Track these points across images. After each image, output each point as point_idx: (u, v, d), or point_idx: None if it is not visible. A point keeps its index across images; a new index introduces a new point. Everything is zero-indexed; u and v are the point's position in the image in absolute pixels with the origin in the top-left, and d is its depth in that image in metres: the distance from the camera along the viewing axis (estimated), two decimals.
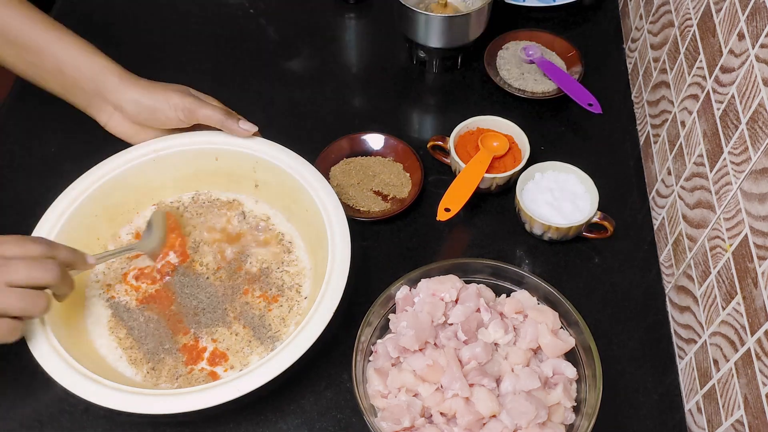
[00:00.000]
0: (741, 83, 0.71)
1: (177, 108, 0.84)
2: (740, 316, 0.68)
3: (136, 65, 0.90)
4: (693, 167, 0.82)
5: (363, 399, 0.74)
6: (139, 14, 1.18)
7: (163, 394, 0.70)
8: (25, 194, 0.94)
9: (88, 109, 0.87)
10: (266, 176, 0.88)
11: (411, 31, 1.04)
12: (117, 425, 0.77)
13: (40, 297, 0.68)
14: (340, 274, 0.77)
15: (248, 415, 0.79)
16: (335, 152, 0.98)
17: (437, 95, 1.10)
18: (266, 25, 1.16)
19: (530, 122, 1.01)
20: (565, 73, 1.05)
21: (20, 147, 1.00)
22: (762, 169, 0.66)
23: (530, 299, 0.81)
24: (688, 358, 0.80)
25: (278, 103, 1.06)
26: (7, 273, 0.65)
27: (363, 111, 1.07)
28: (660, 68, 0.96)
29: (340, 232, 0.80)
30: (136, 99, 0.84)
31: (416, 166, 0.96)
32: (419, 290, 0.81)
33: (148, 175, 0.88)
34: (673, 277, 0.86)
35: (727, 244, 0.72)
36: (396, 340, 0.77)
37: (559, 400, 0.74)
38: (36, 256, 0.68)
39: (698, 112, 0.82)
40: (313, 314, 0.74)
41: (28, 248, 0.68)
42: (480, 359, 0.75)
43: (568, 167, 0.93)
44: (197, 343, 0.80)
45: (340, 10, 1.18)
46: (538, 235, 0.91)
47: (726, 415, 0.70)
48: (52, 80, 0.86)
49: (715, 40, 0.79)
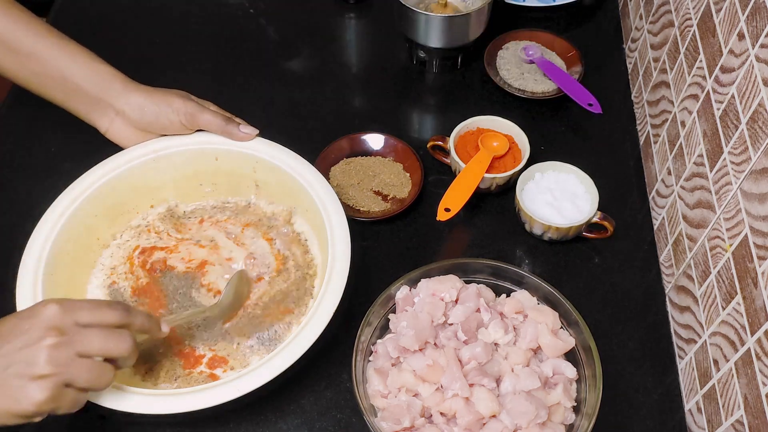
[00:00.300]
0: (741, 83, 0.71)
1: (179, 112, 0.85)
2: (740, 316, 0.68)
3: (136, 65, 0.90)
4: (693, 167, 0.82)
5: (363, 399, 0.74)
6: (139, 14, 1.18)
7: (163, 394, 0.70)
8: (25, 194, 0.94)
9: (90, 115, 0.87)
10: (266, 176, 0.88)
11: (411, 31, 1.04)
12: (117, 425, 0.77)
13: (108, 371, 0.65)
14: (340, 274, 0.77)
15: (248, 415, 0.78)
16: (335, 152, 0.98)
17: (437, 95, 1.10)
18: (266, 25, 1.16)
19: (530, 122, 1.01)
20: (565, 73, 1.05)
21: (20, 147, 1.01)
22: (762, 169, 0.66)
23: (530, 299, 0.81)
24: (688, 358, 0.80)
25: (278, 103, 1.06)
26: (80, 343, 0.63)
27: (363, 111, 1.07)
28: (660, 68, 0.96)
29: (340, 232, 0.80)
30: (139, 103, 0.85)
31: (416, 166, 0.96)
32: (419, 290, 0.81)
33: (148, 175, 0.88)
34: (673, 277, 0.86)
35: (727, 244, 0.72)
36: (396, 340, 0.77)
37: (559, 400, 0.74)
38: (111, 323, 0.66)
39: (698, 112, 0.82)
40: (313, 314, 0.74)
41: (105, 315, 0.66)
42: (480, 359, 0.75)
43: (568, 167, 0.93)
44: (193, 351, 0.80)
45: (340, 10, 1.18)
46: (538, 235, 0.91)
47: (726, 415, 0.70)
48: (53, 87, 0.86)
49: (715, 40, 0.79)
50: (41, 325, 0.63)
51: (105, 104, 0.85)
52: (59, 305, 0.64)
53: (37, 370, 0.61)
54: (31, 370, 0.61)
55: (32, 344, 0.62)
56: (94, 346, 0.64)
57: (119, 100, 0.85)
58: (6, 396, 0.61)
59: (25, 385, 0.61)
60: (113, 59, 0.88)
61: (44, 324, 0.63)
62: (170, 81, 0.89)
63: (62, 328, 0.63)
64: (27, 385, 0.61)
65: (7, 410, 0.62)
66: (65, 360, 0.62)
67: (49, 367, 0.61)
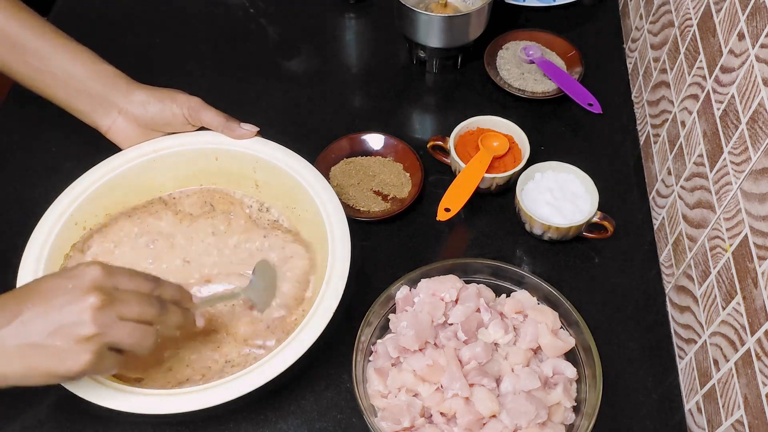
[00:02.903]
0: (741, 83, 0.71)
1: (183, 106, 0.85)
2: (740, 316, 0.68)
3: (136, 65, 0.90)
4: (693, 167, 0.82)
5: (363, 399, 0.74)
6: (139, 14, 1.18)
7: (163, 394, 0.70)
8: (25, 194, 0.94)
9: (92, 114, 0.87)
10: (266, 176, 0.88)
11: (411, 30, 1.04)
12: (117, 425, 0.77)
13: (150, 333, 0.65)
14: (340, 275, 0.76)
15: (248, 415, 0.79)
16: (335, 152, 0.98)
17: (437, 95, 1.10)
18: (266, 25, 1.16)
19: (530, 122, 1.01)
20: (565, 73, 1.05)
21: (20, 147, 1.01)
22: (762, 169, 0.66)
23: (530, 299, 0.81)
24: (688, 358, 0.80)
25: (278, 103, 1.06)
26: (120, 306, 0.63)
27: (363, 111, 1.07)
28: (660, 68, 0.96)
29: (340, 232, 0.80)
30: (142, 99, 0.85)
31: (416, 166, 0.96)
32: (419, 290, 0.81)
33: (148, 175, 0.88)
34: (673, 277, 0.86)
35: (727, 244, 0.72)
36: (396, 340, 0.77)
37: (559, 400, 0.75)
38: (146, 292, 0.66)
39: (698, 112, 0.82)
40: (313, 314, 0.74)
41: (140, 283, 0.66)
42: (480, 359, 0.75)
43: (568, 167, 0.93)
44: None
45: (340, 10, 1.18)
46: (538, 235, 0.91)
47: (726, 415, 0.70)
48: (56, 86, 0.85)
49: (715, 40, 0.79)
50: (85, 285, 0.62)
51: (108, 103, 0.85)
52: (102, 267, 0.63)
53: (83, 331, 0.60)
54: (77, 330, 0.60)
55: (76, 303, 0.61)
56: (135, 310, 0.64)
57: (123, 97, 0.85)
58: (50, 356, 0.61)
59: (70, 346, 0.60)
60: (113, 59, 0.88)
61: (88, 284, 0.62)
62: (170, 81, 0.89)
63: (106, 290, 0.62)
64: (73, 346, 0.60)
65: (48, 371, 0.61)
66: (110, 321, 0.62)
67: (95, 328, 0.61)
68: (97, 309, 0.61)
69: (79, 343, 0.61)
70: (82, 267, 0.63)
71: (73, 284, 0.62)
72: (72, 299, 0.61)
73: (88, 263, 0.64)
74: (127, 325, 0.63)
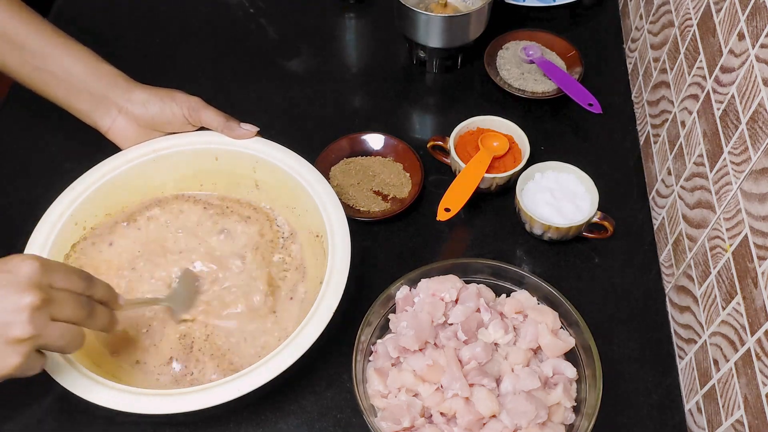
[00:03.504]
0: (741, 83, 0.71)
1: (183, 105, 0.85)
2: (740, 316, 0.68)
3: (136, 65, 0.90)
4: (693, 167, 0.82)
5: (363, 399, 0.74)
6: (139, 14, 1.18)
7: (163, 394, 0.70)
8: (25, 194, 0.94)
9: (92, 114, 0.87)
10: (266, 176, 0.88)
11: (411, 31, 1.04)
12: (117, 425, 0.77)
13: (79, 335, 0.62)
14: (340, 274, 0.76)
15: (248, 415, 0.79)
16: (335, 152, 0.98)
17: (437, 95, 1.10)
18: (266, 25, 1.16)
19: (530, 122, 1.01)
20: (565, 73, 1.05)
21: (20, 147, 1.01)
22: (762, 169, 0.66)
23: (530, 299, 0.81)
24: (688, 358, 0.80)
25: (278, 103, 1.06)
26: (54, 307, 0.59)
27: (363, 111, 1.07)
28: (660, 68, 0.96)
29: (340, 232, 0.80)
30: (143, 99, 0.85)
31: (416, 166, 0.96)
32: (419, 290, 0.81)
33: (148, 175, 0.88)
34: (673, 277, 0.86)
35: (727, 244, 0.72)
36: (396, 340, 0.77)
37: (559, 400, 0.74)
38: (79, 291, 0.63)
39: (698, 112, 0.82)
40: (313, 314, 0.74)
41: (74, 282, 0.62)
42: (480, 359, 0.75)
43: (568, 167, 0.93)
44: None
45: (340, 10, 1.18)
46: (538, 235, 0.91)
47: (726, 415, 0.70)
48: (56, 85, 0.85)
49: (715, 40, 0.79)
50: (21, 281, 0.57)
51: (109, 102, 0.85)
52: (39, 262, 0.59)
53: (17, 332, 0.56)
54: (10, 331, 0.56)
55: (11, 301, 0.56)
56: (67, 312, 0.60)
57: (123, 97, 0.85)
58: None
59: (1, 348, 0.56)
60: (113, 59, 0.88)
61: (24, 281, 0.57)
62: (170, 81, 0.89)
63: (43, 288, 0.58)
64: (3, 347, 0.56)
65: None
66: (44, 322, 0.58)
67: (31, 329, 0.57)
68: (34, 309, 0.57)
69: (10, 344, 0.57)
70: (16, 260, 0.58)
71: (8, 279, 0.57)
72: (5, 295, 0.56)
73: (23, 256, 0.59)
74: (59, 326, 0.60)
